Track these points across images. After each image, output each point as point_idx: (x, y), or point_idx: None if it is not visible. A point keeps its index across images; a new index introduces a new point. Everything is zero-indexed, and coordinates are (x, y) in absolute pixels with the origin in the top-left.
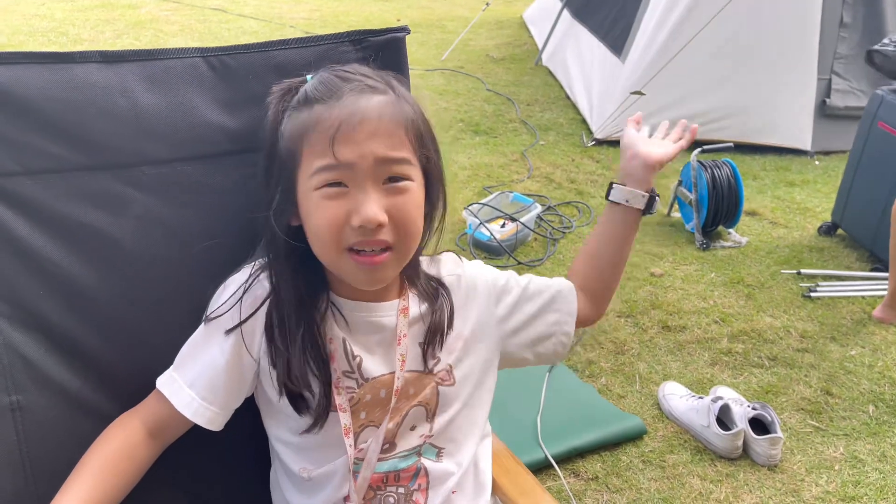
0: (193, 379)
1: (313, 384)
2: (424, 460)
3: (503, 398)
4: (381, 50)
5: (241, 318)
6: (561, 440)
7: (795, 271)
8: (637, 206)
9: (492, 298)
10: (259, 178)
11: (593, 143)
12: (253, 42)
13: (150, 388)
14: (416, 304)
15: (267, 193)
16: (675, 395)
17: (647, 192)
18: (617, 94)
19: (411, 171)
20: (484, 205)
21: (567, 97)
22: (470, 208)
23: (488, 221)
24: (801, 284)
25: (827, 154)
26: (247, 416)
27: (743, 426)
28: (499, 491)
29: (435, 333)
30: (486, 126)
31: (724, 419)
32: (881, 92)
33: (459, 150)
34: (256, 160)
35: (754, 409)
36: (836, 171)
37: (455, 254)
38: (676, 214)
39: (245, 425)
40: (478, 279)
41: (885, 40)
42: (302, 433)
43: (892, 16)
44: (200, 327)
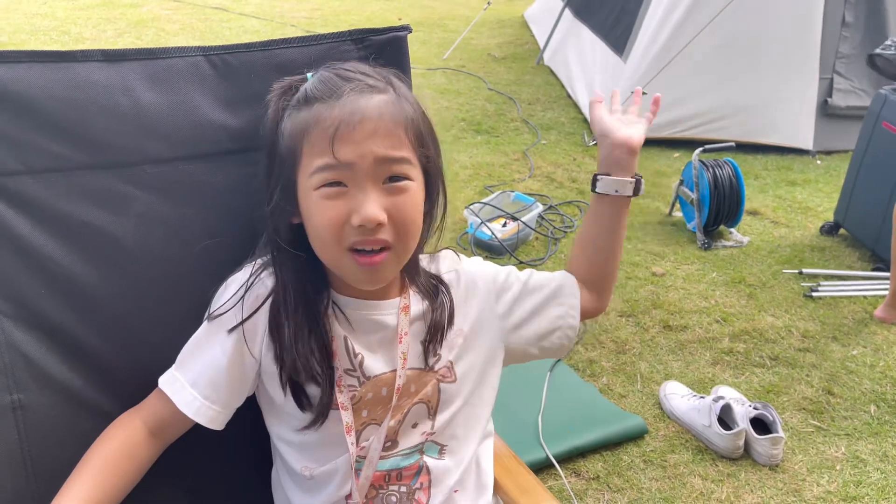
0: (195, 378)
1: (316, 381)
2: (426, 458)
3: (504, 398)
4: (383, 49)
5: (242, 317)
6: (562, 440)
7: (797, 271)
8: (626, 193)
9: (492, 294)
10: (260, 177)
11: (594, 142)
12: (254, 41)
13: (151, 387)
14: (417, 302)
15: (268, 192)
16: (676, 394)
17: (634, 178)
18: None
19: (411, 170)
20: (485, 204)
21: (568, 96)
22: (471, 207)
23: (490, 221)
24: (803, 284)
25: (828, 154)
26: (248, 415)
27: (744, 426)
28: (500, 490)
29: (436, 331)
30: (487, 125)
31: (725, 419)
32: (885, 91)
33: (461, 149)
34: (258, 159)
35: (756, 408)
36: (837, 171)
37: (453, 250)
38: (678, 214)
39: (246, 424)
40: (477, 275)
41: (888, 42)
42: (302, 429)
43: (893, 15)
44: (202, 326)
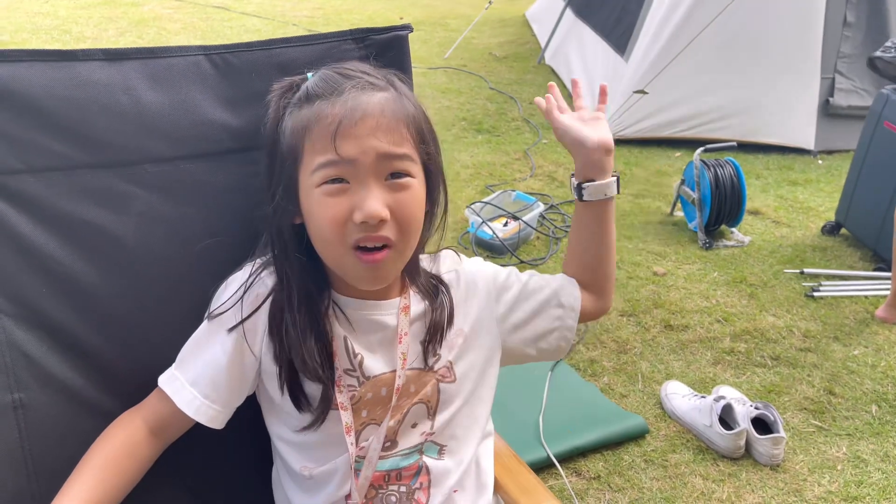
0: (195, 377)
1: (316, 381)
2: (426, 458)
3: (505, 397)
4: (384, 48)
5: (242, 317)
6: (563, 439)
7: (798, 271)
8: (613, 194)
9: (492, 295)
10: (261, 177)
11: None
12: (255, 40)
13: (151, 386)
14: (417, 303)
15: (269, 192)
16: (677, 394)
17: (614, 175)
18: (620, 93)
19: (412, 167)
20: (486, 203)
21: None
22: (472, 207)
23: (491, 220)
24: (804, 284)
25: (830, 153)
26: (248, 415)
27: (745, 426)
28: (501, 490)
29: (436, 331)
30: (488, 124)
31: (726, 419)
32: (886, 91)
33: (462, 148)
34: (259, 158)
35: (757, 408)
36: (839, 171)
37: (454, 250)
38: (679, 213)
39: (247, 423)
40: (477, 275)
41: (887, 43)
42: (301, 430)
43: (895, 15)
44: (202, 325)
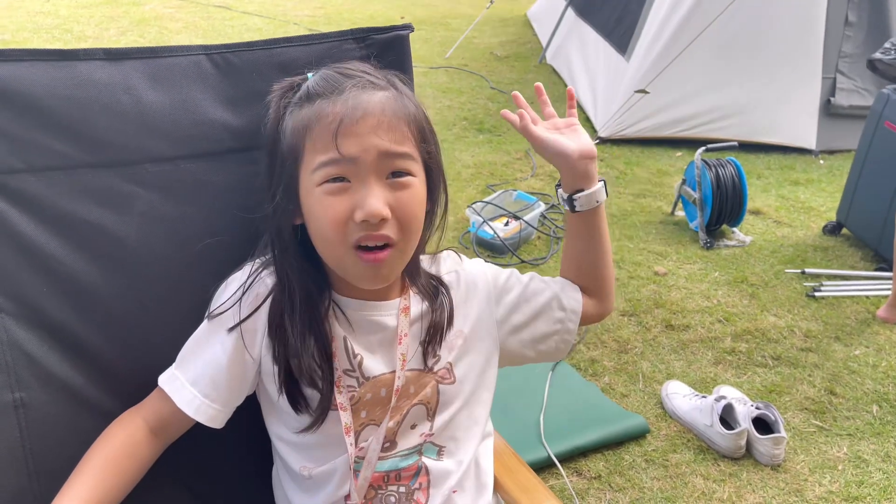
0: (195, 376)
1: (316, 382)
2: (425, 459)
3: (506, 397)
4: (385, 48)
5: (240, 318)
6: (564, 439)
7: (799, 270)
8: (602, 199)
9: (492, 296)
10: (262, 177)
11: (597, 141)
12: (257, 39)
13: (152, 386)
14: (417, 303)
15: (269, 192)
16: (678, 394)
17: (601, 181)
18: (621, 93)
19: (413, 166)
20: (487, 203)
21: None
22: (473, 206)
23: (492, 220)
24: (806, 284)
25: (831, 153)
26: (248, 414)
27: (746, 426)
28: (501, 489)
29: (435, 332)
30: (489, 124)
31: (727, 418)
32: (887, 91)
33: (463, 147)
34: (259, 158)
35: (758, 408)
36: (840, 171)
37: (455, 251)
38: (680, 213)
39: (246, 423)
40: (478, 277)
41: (886, 45)
42: (301, 431)
43: None
44: (202, 325)
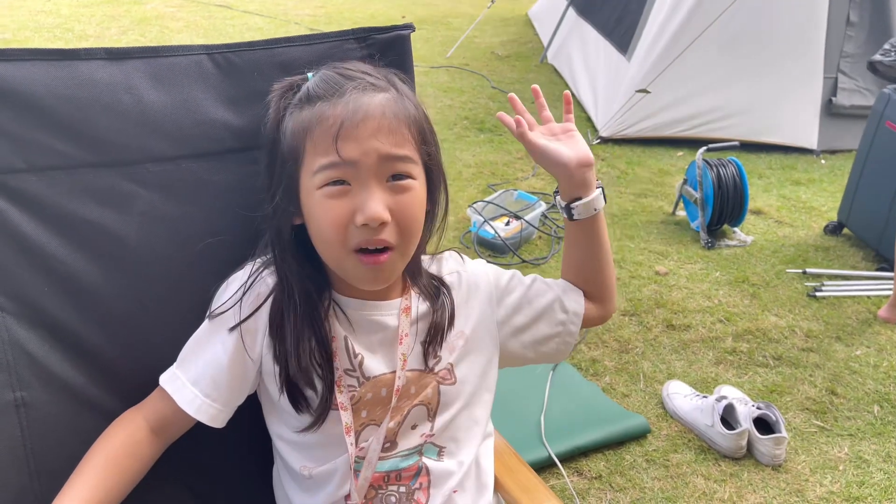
0: (196, 376)
1: (316, 381)
2: (426, 459)
3: (507, 396)
4: (386, 47)
5: (241, 318)
6: (564, 439)
7: (801, 270)
8: (600, 207)
9: (494, 297)
10: (262, 177)
11: (598, 140)
12: (258, 39)
13: (153, 385)
14: (418, 303)
15: (269, 192)
16: (679, 394)
17: (599, 187)
18: (622, 92)
19: (414, 168)
20: (488, 202)
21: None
22: (474, 206)
23: (492, 219)
24: (807, 284)
25: (833, 153)
26: (249, 414)
27: (747, 426)
28: (502, 489)
29: (436, 332)
30: (490, 123)
31: (728, 419)
32: (888, 91)
33: (464, 147)
34: (260, 158)
35: (759, 408)
36: (842, 171)
37: (457, 252)
38: (681, 213)
39: (247, 423)
40: (480, 277)
41: (886, 46)
42: (301, 431)
43: None
44: (203, 324)
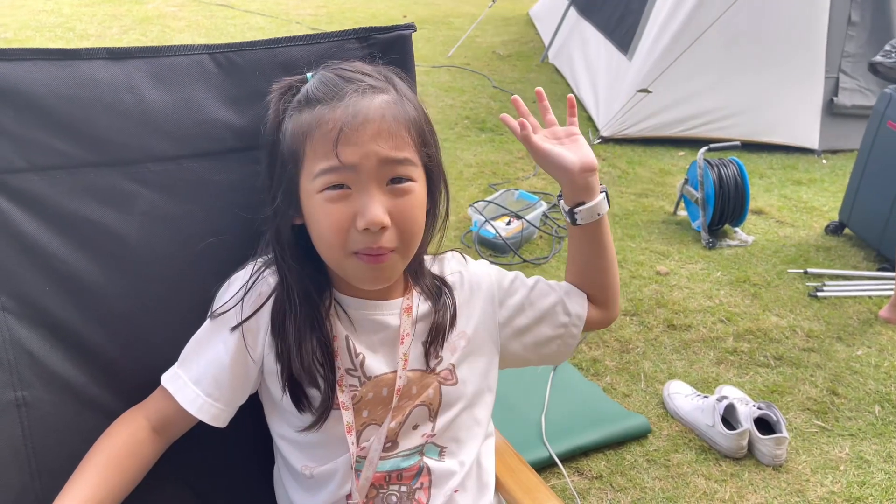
0: (198, 375)
1: (318, 381)
2: (427, 459)
3: (507, 396)
4: (388, 47)
5: (242, 318)
6: (565, 439)
7: (802, 270)
8: (604, 212)
9: (496, 298)
10: (262, 177)
11: (599, 140)
12: (259, 39)
13: (154, 385)
14: (420, 303)
15: (269, 193)
16: (680, 394)
17: (602, 192)
18: (623, 92)
19: (414, 171)
20: (489, 202)
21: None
22: (475, 206)
23: (493, 219)
24: (808, 284)
25: (834, 153)
26: (250, 413)
27: (748, 426)
28: (502, 489)
29: (438, 332)
30: (491, 123)
31: (729, 419)
32: (890, 91)
33: (465, 147)
34: (261, 158)
35: (759, 408)
36: (843, 170)
37: (460, 252)
38: (682, 213)
39: (248, 422)
40: (482, 278)
41: (886, 47)
42: (303, 430)
43: None
44: (205, 324)
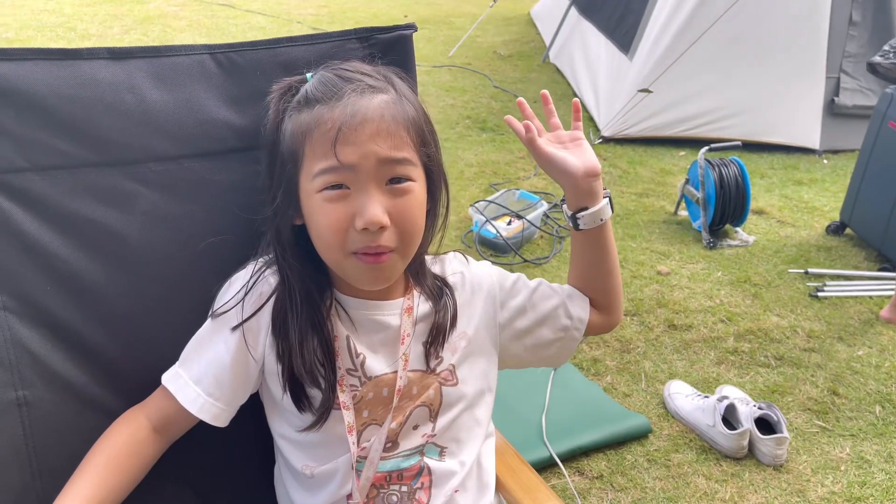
0: (199, 375)
1: (319, 381)
2: (427, 460)
3: (508, 396)
4: (389, 47)
5: (243, 317)
6: (565, 438)
7: (803, 270)
8: (607, 217)
9: (497, 299)
10: (262, 178)
11: (600, 140)
12: (260, 39)
13: (155, 384)
14: (421, 304)
15: (269, 193)
16: (680, 394)
17: (605, 196)
18: (624, 92)
19: (413, 171)
20: (490, 202)
21: (574, 94)
22: (476, 205)
23: (494, 219)
24: (809, 284)
25: (835, 153)
26: (251, 413)
27: (749, 426)
28: (503, 489)
29: (438, 333)
30: (492, 123)
31: (729, 419)
32: (891, 91)
33: (466, 146)
34: (262, 158)
35: (760, 408)
36: (844, 170)
37: (462, 253)
38: (683, 213)
39: (249, 422)
40: (484, 279)
41: (885, 48)
42: (304, 430)
43: None
44: (206, 323)
